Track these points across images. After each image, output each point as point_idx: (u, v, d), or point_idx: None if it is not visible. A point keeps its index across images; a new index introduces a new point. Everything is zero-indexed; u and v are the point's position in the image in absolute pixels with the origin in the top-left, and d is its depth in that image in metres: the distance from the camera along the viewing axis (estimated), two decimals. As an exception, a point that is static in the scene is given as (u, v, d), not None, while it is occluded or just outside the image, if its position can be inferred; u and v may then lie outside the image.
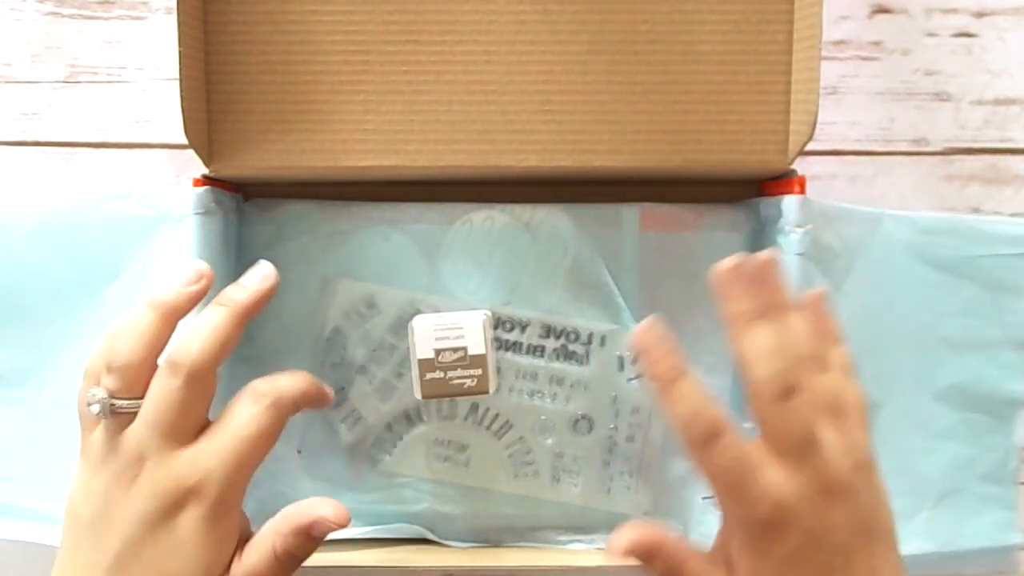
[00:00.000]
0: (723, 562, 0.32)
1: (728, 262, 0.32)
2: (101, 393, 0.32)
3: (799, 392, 0.30)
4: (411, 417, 0.42)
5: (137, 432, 0.32)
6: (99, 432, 0.33)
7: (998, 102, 0.44)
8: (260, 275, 0.35)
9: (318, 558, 0.40)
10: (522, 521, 0.42)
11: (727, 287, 0.32)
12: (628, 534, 0.32)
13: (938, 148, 0.44)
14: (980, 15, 0.44)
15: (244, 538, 0.34)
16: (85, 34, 0.44)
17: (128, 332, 0.33)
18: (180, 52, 0.36)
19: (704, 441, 0.30)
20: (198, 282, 0.34)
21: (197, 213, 0.38)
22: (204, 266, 0.35)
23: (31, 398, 0.42)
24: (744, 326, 0.31)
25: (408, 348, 0.38)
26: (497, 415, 0.42)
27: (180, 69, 0.36)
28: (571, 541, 0.42)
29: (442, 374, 0.36)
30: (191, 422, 0.32)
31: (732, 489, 0.30)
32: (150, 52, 0.44)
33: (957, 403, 0.42)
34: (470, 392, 0.36)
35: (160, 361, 0.33)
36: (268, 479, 0.42)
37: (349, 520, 0.34)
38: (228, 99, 0.38)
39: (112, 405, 0.32)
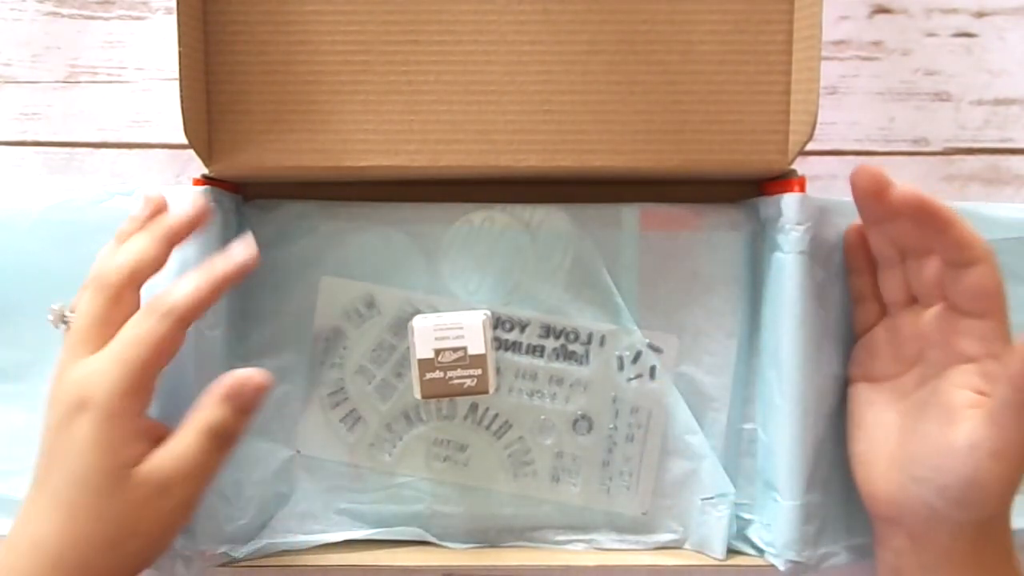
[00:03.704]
0: None
1: None
2: (59, 305, 0.36)
3: None
4: (411, 417, 0.42)
5: (64, 349, 0.35)
6: None
7: (998, 102, 0.44)
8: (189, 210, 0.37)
9: (319, 558, 0.41)
10: (521, 521, 0.42)
11: None
12: None
13: (938, 148, 0.44)
14: (980, 15, 0.44)
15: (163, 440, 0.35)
16: (85, 34, 0.44)
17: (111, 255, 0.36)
18: (180, 52, 0.36)
19: None
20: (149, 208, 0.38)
21: (197, 213, 0.38)
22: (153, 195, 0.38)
23: (30, 393, 0.41)
24: None
25: (408, 348, 0.38)
26: (497, 415, 0.42)
27: (180, 69, 0.36)
28: (570, 541, 0.42)
29: (442, 374, 0.36)
30: (101, 334, 0.34)
31: None
32: (150, 52, 0.44)
33: None
34: (470, 392, 0.36)
35: None
36: (268, 479, 0.42)
37: (271, 381, 0.36)
38: (228, 99, 0.38)
39: (63, 317, 0.36)
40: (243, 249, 0.36)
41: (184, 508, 0.35)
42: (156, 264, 0.35)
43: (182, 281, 0.35)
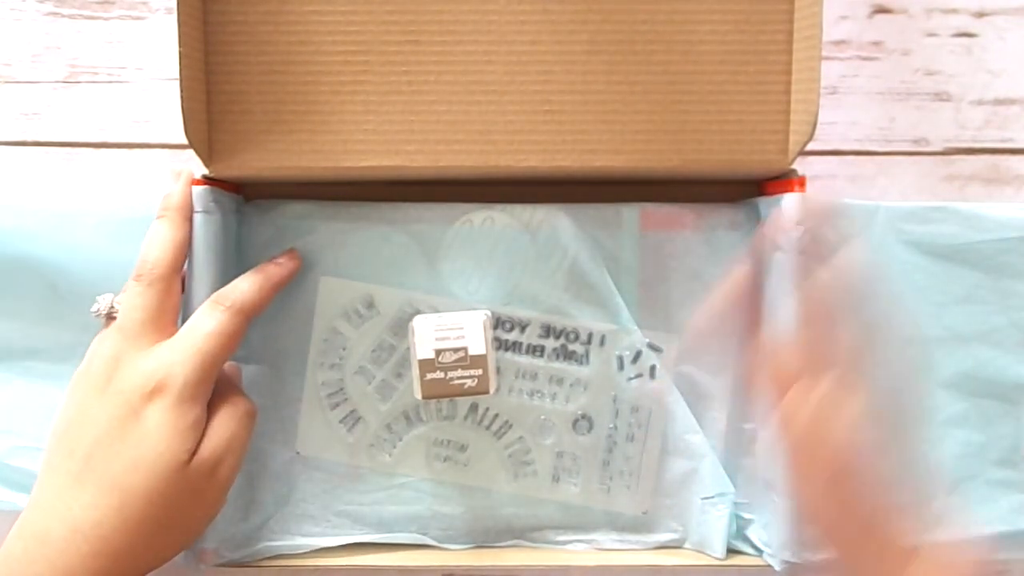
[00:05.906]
0: None
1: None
2: (107, 298, 0.37)
3: None
4: (411, 417, 0.42)
5: (110, 337, 0.35)
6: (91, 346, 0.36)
7: (998, 102, 0.44)
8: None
9: (319, 558, 0.41)
10: (522, 521, 0.42)
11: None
12: None
13: (938, 148, 0.44)
14: (980, 15, 0.44)
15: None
16: (85, 34, 0.44)
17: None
18: (180, 52, 0.36)
19: None
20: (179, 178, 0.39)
21: (196, 212, 0.38)
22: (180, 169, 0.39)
23: (70, 375, 0.41)
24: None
25: (408, 348, 0.38)
26: (497, 415, 0.42)
27: (180, 69, 0.36)
28: (571, 541, 0.42)
29: (442, 374, 0.36)
30: (158, 325, 0.36)
31: None
32: (150, 52, 0.44)
33: (965, 390, 0.41)
34: (470, 392, 0.36)
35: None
36: (268, 480, 0.42)
37: None
38: (228, 99, 0.38)
39: (112, 309, 0.36)
40: (290, 258, 0.40)
41: (225, 491, 0.36)
42: (186, 244, 0.37)
43: (244, 280, 0.38)
